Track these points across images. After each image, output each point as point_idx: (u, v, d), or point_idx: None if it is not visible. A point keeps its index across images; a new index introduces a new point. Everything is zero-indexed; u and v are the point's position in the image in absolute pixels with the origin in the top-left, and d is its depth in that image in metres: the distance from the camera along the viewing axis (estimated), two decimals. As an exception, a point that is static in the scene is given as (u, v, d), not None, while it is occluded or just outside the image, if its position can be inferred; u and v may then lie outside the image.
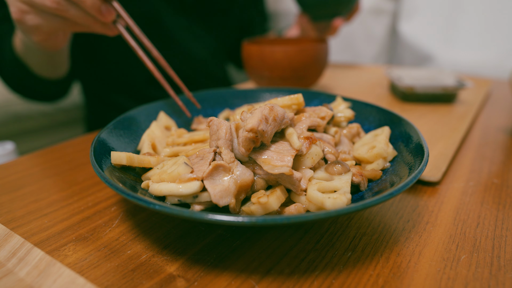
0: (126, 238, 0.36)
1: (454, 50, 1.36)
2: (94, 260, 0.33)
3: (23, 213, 0.40)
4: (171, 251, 0.34)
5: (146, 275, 0.31)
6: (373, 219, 0.39)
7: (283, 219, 0.28)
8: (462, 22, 1.35)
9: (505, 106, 0.77)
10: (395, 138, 0.44)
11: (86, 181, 0.48)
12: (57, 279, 0.31)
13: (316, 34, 1.00)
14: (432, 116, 0.68)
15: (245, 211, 0.34)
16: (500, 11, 1.29)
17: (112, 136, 0.44)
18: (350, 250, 0.34)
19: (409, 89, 0.74)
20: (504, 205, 0.41)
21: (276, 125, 0.37)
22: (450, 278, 0.30)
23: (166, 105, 0.55)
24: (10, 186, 0.47)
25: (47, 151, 0.58)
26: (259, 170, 0.36)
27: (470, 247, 0.34)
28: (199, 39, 1.05)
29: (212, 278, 0.31)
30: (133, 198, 0.30)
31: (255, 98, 0.60)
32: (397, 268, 0.31)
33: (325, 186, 0.35)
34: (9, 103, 1.34)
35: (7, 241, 0.36)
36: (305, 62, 0.72)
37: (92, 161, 0.36)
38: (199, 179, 0.34)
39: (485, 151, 0.55)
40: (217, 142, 0.36)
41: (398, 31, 1.51)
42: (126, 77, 1.00)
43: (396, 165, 0.40)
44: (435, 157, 0.50)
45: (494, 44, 1.30)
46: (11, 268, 0.33)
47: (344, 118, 0.48)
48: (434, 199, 0.42)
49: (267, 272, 0.31)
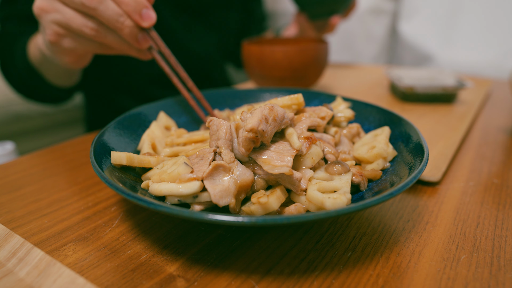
0: (126, 238, 0.36)
1: (454, 50, 1.36)
2: (94, 260, 0.33)
3: (23, 213, 0.40)
4: (171, 251, 0.34)
5: (146, 275, 0.31)
6: (373, 219, 0.39)
7: (283, 219, 0.28)
8: (462, 22, 1.35)
9: (505, 106, 0.77)
10: (395, 138, 0.44)
11: (86, 181, 0.48)
12: (57, 279, 0.31)
13: (314, 32, 1.00)
14: (432, 116, 0.68)
15: (245, 211, 0.34)
16: (500, 11, 1.29)
17: (112, 136, 0.44)
18: (350, 250, 0.34)
19: (409, 89, 0.74)
20: (504, 205, 0.41)
21: (276, 125, 0.37)
22: (450, 278, 0.30)
23: (166, 105, 0.55)
24: (10, 186, 0.47)
25: (47, 151, 0.58)
26: (259, 170, 0.36)
27: (470, 247, 0.34)
28: (199, 39, 1.05)
29: (212, 278, 0.31)
30: (133, 198, 0.30)
31: (255, 98, 0.60)
32: (397, 268, 0.31)
33: (325, 186, 0.35)
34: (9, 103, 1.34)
35: (7, 241, 0.36)
36: (305, 62, 0.72)
37: (92, 161, 0.36)
38: (199, 179, 0.34)
39: (485, 151, 0.55)
40: (217, 142, 0.36)
41: (398, 31, 1.51)
42: (126, 77, 1.00)
43: (396, 165, 0.40)
44: (435, 157, 0.50)
45: (494, 44, 1.30)
46: (11, 268, 0.33)
47: (344, 118, 0.48)
48: (434, 199, 0.42)
49: (267, 272, 0.31)
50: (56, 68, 0.71)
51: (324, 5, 0.91)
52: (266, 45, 0.86)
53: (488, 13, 1.31)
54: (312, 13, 0.95)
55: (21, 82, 0.80)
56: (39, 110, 1.41)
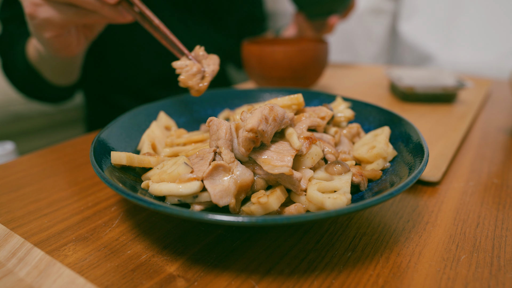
0: (126, 238, 0.36)
1: (454, 50, 1.36)
2: (94, 260, 0.33)
3: (23, 213, 0.40)
4: (171, 251, 0.34)
5: (146, 275, 0.31)
6: (373, 219, 0.39)
7: (283, 219, 0.28)
8: (462, 22, 1.35)
9: (505, 106, 0.77)
10: (395, 138, 0.44)
11: (86, 181, 0.48)
12: (57, 279, 0.31)
13: (312, 32, 1.00)
14: (432, 116, 0.68)
15: (245, 211, 0.34)
16: (500, 11, 1.29)
17: (112, 136, 0.44)
18: (350, 250, 0.34)
19: (409, 89, 0.74)
20: (504, 205, 0.41)
21: (276, 125, 0.37)
22: (450, 278, 0.30)
23: (166, 105, 0.55)
24: (10, 186, 0.47)
25: (47, 151, 0.58)
26: (259, 170, 0.36)
27: (470, 247, 0.34)
28: (199, 39, 1.05)
29: (212, 278, 0.31)
30: (133, 198, 0.30)
31: (255, 98, 0.60)
32: (397, 268, 0.31)
33: (325, 186, 0.35)
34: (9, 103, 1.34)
35: (7, 241, 0.36)
36: (305, 62, 0.72)
37: (92, 161, 0.36)
38: (199, 179, 0.34)
39: (485, 151, 0.55)
40: (217, 142, 0.36)
41: (398, 31, 1.51)
42: (126, 77, 1.00)
43: (396, 165, 0.40)
44: (435, 157, 0.50)
45: (494, 44, 1.30)
46: (11, 268, 0.33)
47: (344, 118, 0.48)
48: (434, 199, 0.42)
49: (267, 272, 0.31)
50: (52, 65, 0.71)
51: (322, 5, 0.91)
52: (266, 45, 0.86)
53: (488, 13, 1.31)
54: (310, 13, 0.95)
55: (22, 81, 0.81)
56: (39, 110, 1.41)
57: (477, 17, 1.33)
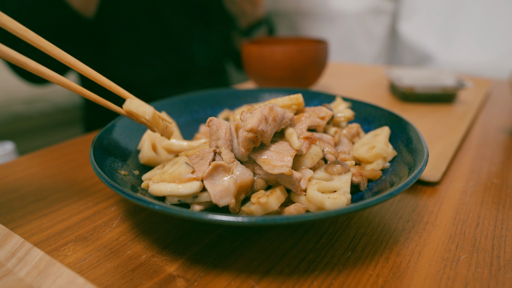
0: (126, 238, 0.36)
1: (454, 50, 1.36)
2: (94, 260, 0.33)
3: (23, 213, 0.40)
4: (171, 251, 0.34)
5: (146, 275, 0.31)
6: (373, 219, 0.39)
7: (283, 219, 0.28)
8: (462, 22, 1.35)
9: (505, 106, 0.77)
10: (395, 138, 0.44)
11: (86, 181, 0.48)
12: (57, 279, 0.31)
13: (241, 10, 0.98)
14: (432, 116, 0.68)
15: (245, 211, 0.34)
16: (500, 11, 1.30)
17: (112, 136, 0.44)
18: (350, 250, 0.34)
19: (409, 89, 0.74)
20: (504, 205, 0.41)
21: (276, 125, 0.37)
22: (450, 278, 0.30)
23: (166, 105, 0.55)
24: (10, 186, 0.47)
25: (47, 151, 0.58)
26: (259, 170, 0.36)
27: (470, 247, 0.34)
28: (199, 39, 1.06)
29: (212, 278, 0.31)
30: (133, 198, 0.30)
31: (255, 98, 0.60)
32: (397, 268, 0.31)
33: (325, 186, 0.35)
34: (9, 103, 1.34)
35: (7, 241, 0.36)
36: (305, 62, 0.72)
37: (92, 161, 0.36)
38: (199, 179, 0.34)
39: (485, 151, 0.55)
40: (217, 142, 0.36)
41: (398, 31, 1.51)
42: (127, 77, 1.00)
43: (396, 165, 0.40)
44: (435, 157, 0.50)
45: (494, 44, 1.30)
46: (11, 268, 0.33)
47: (344, 118, 0.48)
48: (434, 199, 0.42)
49: (267, 272, 0.31)
50: None
51: None
52: (266, 45, 0.86)
53: (488, 13, 1.31)
54: None
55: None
56: (39, 110, 1.41)
57: (476, 17, 1.33)
